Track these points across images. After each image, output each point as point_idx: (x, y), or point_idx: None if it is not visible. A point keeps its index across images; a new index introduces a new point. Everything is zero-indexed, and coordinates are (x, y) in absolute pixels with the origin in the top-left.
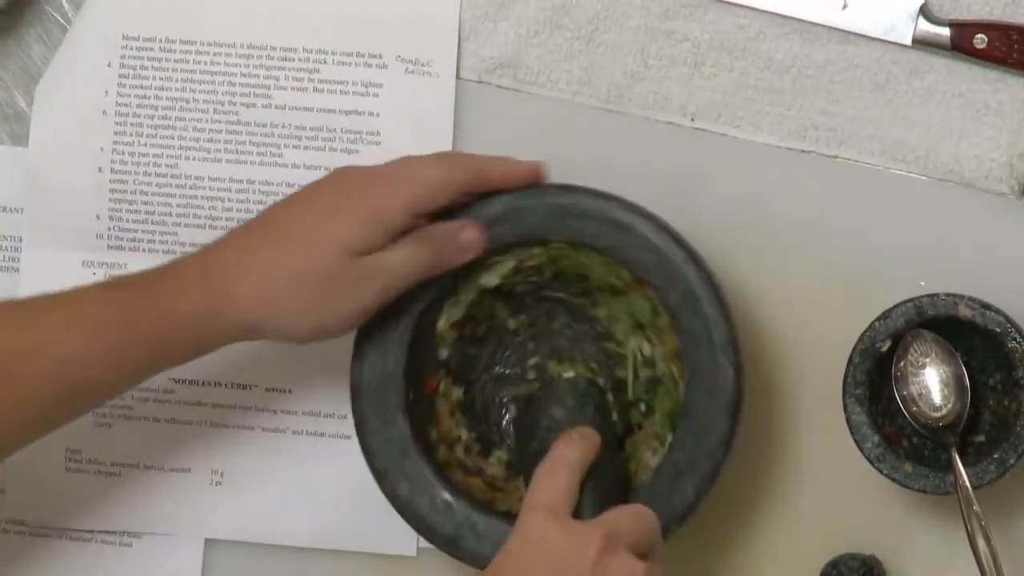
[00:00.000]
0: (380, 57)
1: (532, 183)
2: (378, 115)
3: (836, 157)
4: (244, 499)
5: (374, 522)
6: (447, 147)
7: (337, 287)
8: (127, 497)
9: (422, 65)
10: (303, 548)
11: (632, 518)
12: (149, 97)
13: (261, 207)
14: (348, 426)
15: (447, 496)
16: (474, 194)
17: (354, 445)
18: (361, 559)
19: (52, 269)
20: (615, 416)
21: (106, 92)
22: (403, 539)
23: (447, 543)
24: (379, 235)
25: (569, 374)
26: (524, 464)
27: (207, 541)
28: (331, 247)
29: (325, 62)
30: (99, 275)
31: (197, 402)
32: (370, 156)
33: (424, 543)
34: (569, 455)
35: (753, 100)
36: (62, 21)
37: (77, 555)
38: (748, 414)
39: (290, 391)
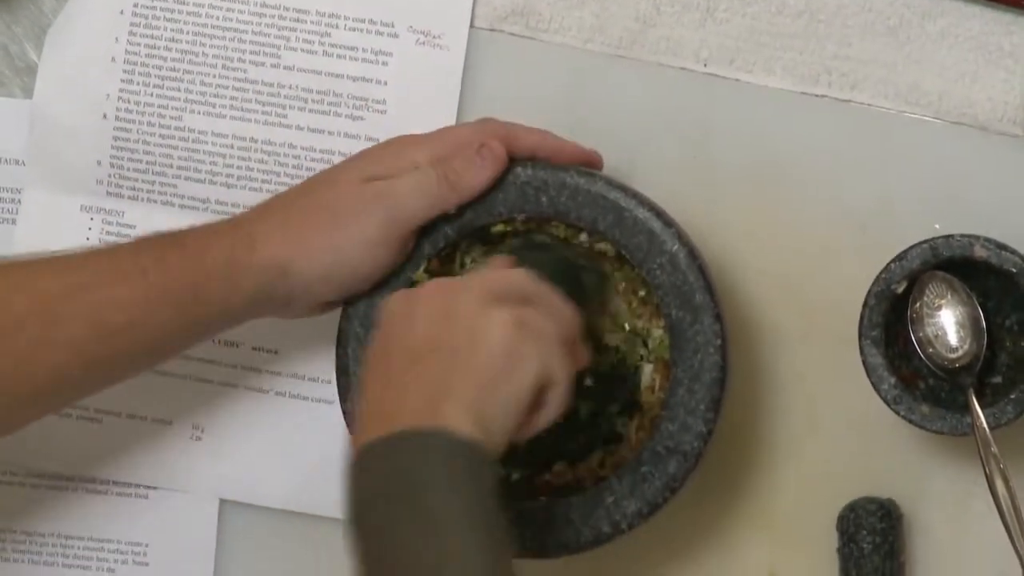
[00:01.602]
0: (392, 26)
1: (567, 160)
2: (385, 83)
3: (849, 101)
4: (223, 456)
5: None
6: (451, 120)
7: (347, 210)
8: (106, 444)
9: (433, 37)
10: (291, 512)
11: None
12: (159, 48)
13: (261, 166)
14: (331, 391)
15: None
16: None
17: (336, 410)
18: (331, 525)
19: (50, 211)
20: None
21: (116, 39)
22: None
23: None
24: (396, 165)
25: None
26: None
27: (222, 501)
28: (343, 175)
29: (337, 27)
30: (96, 221)
31: (185, 355)
32: (375, 124)
33: None
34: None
35: (766, 45)
36: None
37: (54, 501)
38: (765, 360)
39: (276, 352)
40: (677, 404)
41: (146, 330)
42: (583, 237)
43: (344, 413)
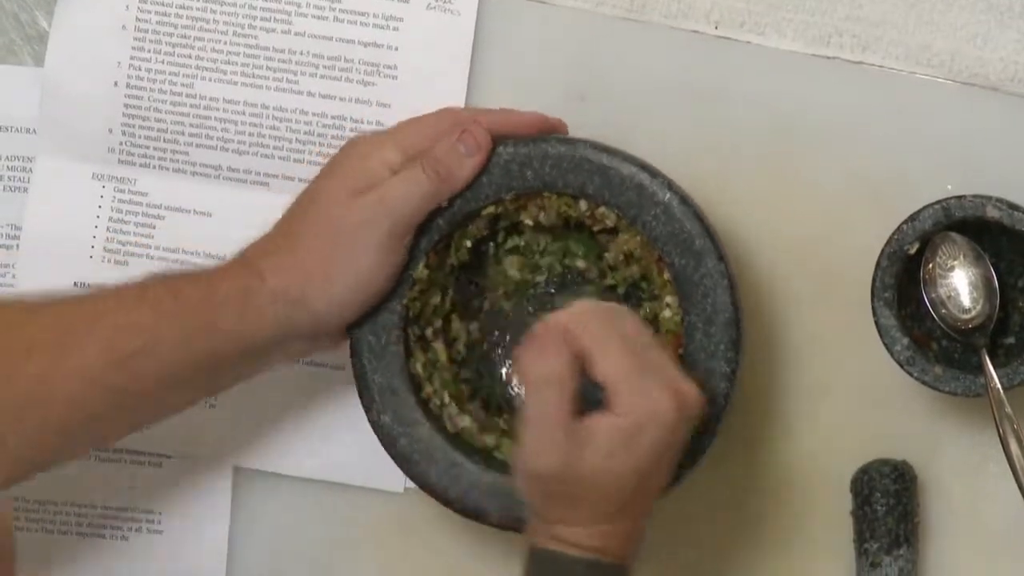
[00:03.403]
0: None
1: (533, 132)
2: (396, 49)
3: (861, 63)
4: (236, 424)
5: (363, 457)
6: (463, 85)
7: (348, 231)
8: None
9: (444, 2)
10: (305, 479)
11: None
12: (169, 15)
13: (273, 132)
14: (344, 357)
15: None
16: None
17: (347, 376)
18: (347, 491)
19: (62, 179)
20: None
21: (127, 6)
22: (389, 476)
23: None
24: (373, 170)
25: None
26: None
27: (236, 468)
28: (334, 194)
29: None
30: (108, 189)
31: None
32: (386, 89)
33: (411, 482)
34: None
35: (777, 7)
36: None
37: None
38: (777, 323)
39: None
40: (696, 350)
41: (160, 358)
42: (583, 206)
43: (372, 424)
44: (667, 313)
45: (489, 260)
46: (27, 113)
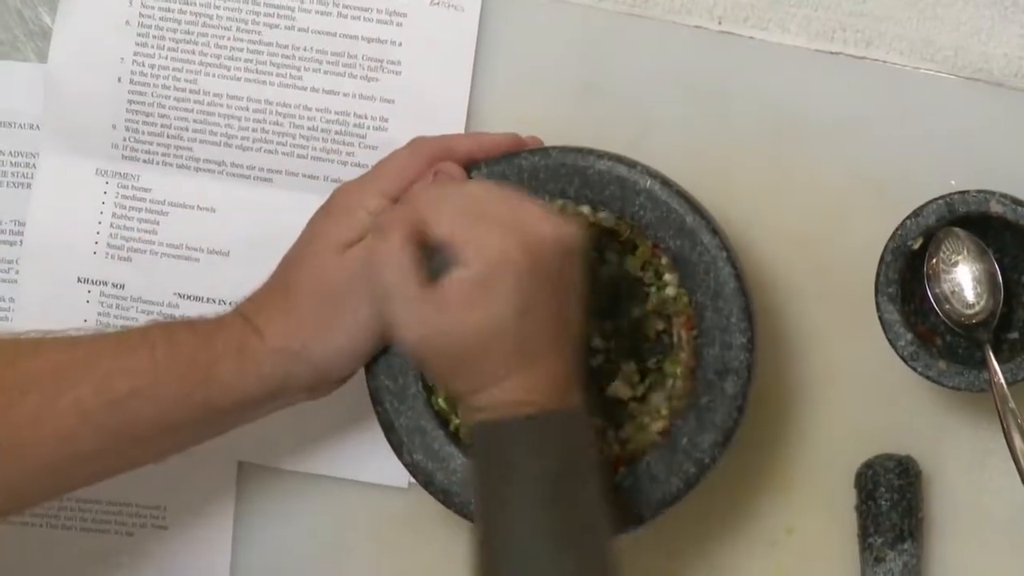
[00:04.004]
0: None
1: (506, 151)
2: (400, 44)
3: (864, 58)
4: None
5: (367, 453)
6: (466, 80)
7: (342, 290)
8: None
9: None
10: (309, 474)
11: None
12: (173, 10)
13: (277, 128)
14: None
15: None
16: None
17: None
18: (351, 487)
19: (66, 175)
20: None
21: (130, 2)
22: (394, 471)
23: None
24: (358, 221)
25: None
26: None
27: (240, 463)
28: (321, 250)
29: None
30: (112, 185)
31: (199, 316)
32: (390, 85)
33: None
34: None
35: (780, 2)
36: None
37: None
38: (781, 319)
39: None
40: (710, 328)
41: (154, 402)
42: (585, 210)
43: (406, 465)
44: (670, 291)
45: None
46: (31, 109)
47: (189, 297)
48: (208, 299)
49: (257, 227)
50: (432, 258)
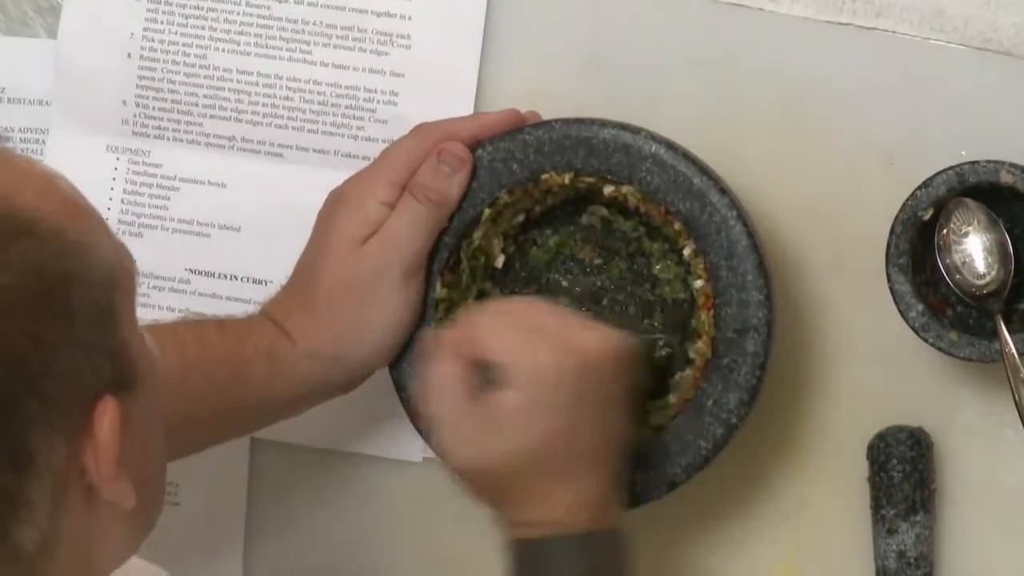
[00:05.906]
0: None
1: (509, 128)
2: (410, 18)
3: (874, 29)
4: None
5: (381, 427)
6: (476, 54)
7: (365, 283)
8: None
9: None
10: (322, 449)
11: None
12: None
13: (287, 103)
14: None
15: None
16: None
17: None
18: (365, 461)
19: (76, 152)
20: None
21: None
22: (407, 445)
23: None
24: (372, 213)
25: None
26: None
27: (252, 439)
28: (338, 247)
29: None
30: (122, 161)
31: (212, 294)
32: (399, 59)
33: (429, 452)
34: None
35: None
36: None
37: None
38: (792, 291)
39: None
40: (727, 287)
41: (182, 397)
42: (608, 189)
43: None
44: (687, 251)
45: (528, 261)
46: (41, 85)
47: (200, 272)
48: (220, 275)
49: (268, 202)
50: (481, 370)
